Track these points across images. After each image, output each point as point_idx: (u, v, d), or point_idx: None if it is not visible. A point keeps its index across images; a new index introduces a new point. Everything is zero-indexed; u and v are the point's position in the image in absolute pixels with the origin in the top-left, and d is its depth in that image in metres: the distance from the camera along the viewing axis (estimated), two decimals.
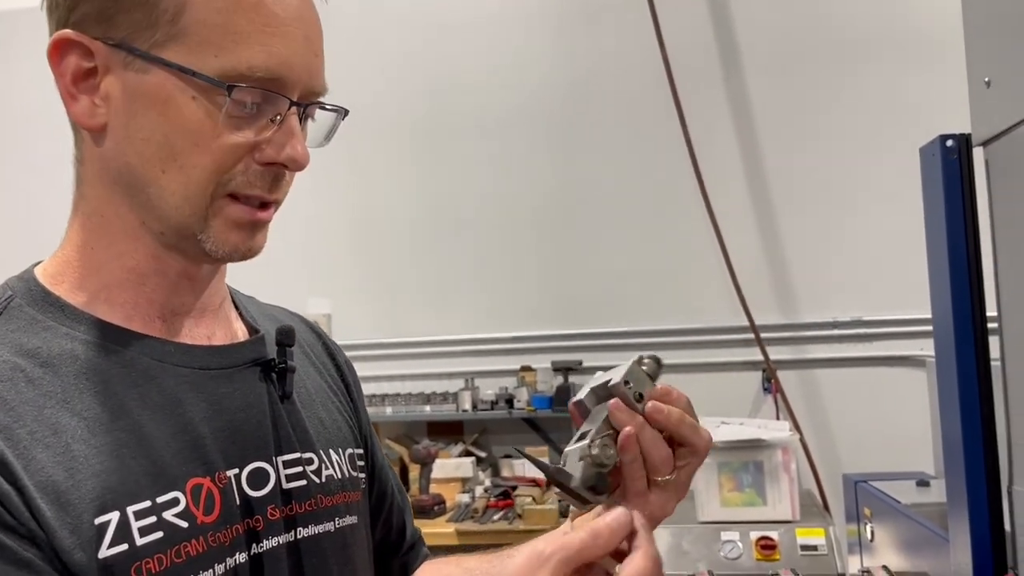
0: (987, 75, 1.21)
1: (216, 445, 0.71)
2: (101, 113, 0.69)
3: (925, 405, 3.18)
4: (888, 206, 3.63)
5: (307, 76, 0.70)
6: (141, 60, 0.67)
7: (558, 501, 3.14)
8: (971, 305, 1.26)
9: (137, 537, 0.63)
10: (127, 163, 0.69)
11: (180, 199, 0.68)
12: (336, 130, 0.78)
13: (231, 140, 0.68)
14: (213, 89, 0.66)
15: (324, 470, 0.79)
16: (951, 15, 1.94)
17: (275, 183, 0.71)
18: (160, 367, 0.71)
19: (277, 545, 0.72)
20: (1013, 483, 1.21)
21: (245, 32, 0.66)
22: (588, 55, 3.97)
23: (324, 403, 0.85)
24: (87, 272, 0.72)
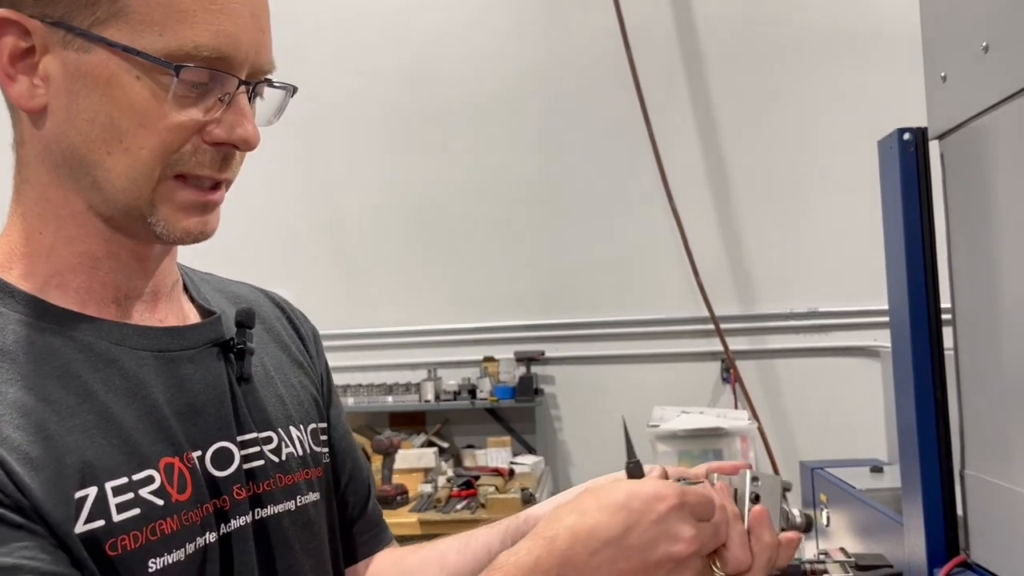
0: (943, 70, 1.24)
1: (180, 426, 0.70)
2: (40, 94, 0.67)
3: (878, 394, 3.25)
4: (844, 200, 3.71)
5: (254, 54, 0.69)
6: (81, 39, 0.65)
7: (521, 490, 3.17)
8: (926, 296, 1.29)
9: (114, 513, 0.63)
10: (70, 145, 0.67)
11: (126, 181, 0.67)
12: (285, 108, 0.76)
13: (178, 120, 0.66)
14: (158, 68, 0.65)
15: (284, 448, 0.79)
16: (908, 11, 1.99)
17: (225, 163, 0.70)
18: (119, 350, 0.70)
19: (244, 525, 0.73)
20: (965, 467, 1.25)
21: (190, 10, 0.64)
22: (552, 48, 3.98)
23: (285, 379, 0.85)
24: (36, 258, 0.70)
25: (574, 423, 3.94)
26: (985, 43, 1.10)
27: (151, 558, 0.64)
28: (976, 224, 1.19)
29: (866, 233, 3.57)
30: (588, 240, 3.92)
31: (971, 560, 1.23)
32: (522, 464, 3.47)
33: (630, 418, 3.52)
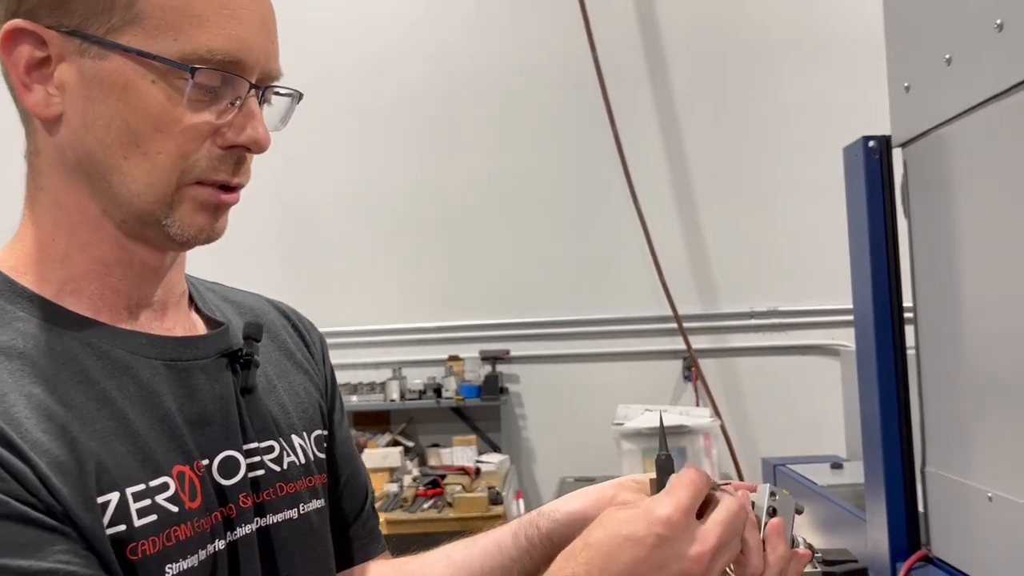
0: (906, 80, 1.28)
1: (190, 435, 0.71)
2: (56, 102, 0.68)
3: (837, 392, 3.33)
4: (804, 202, 3.78)
5: (264, 59, 0.70)
6: (98, 46, 0.66)
7: (488, 489, 3.18)
8: (889, 297, 1.33)
9: (135, 518, 0.64)
10: (86, 151, 0.68)
11: (143, 185, 0.68)
12: (292, 114, 0.78)
13: (193, 123, 0.67)
14: (173, 72, 0.66)
15: (286, 457, 0.80)
16: (869, 19, 2.04)
17: (238, 166, 0.71)
18: (134, 358, 0.71)
19: (249, 532, 0.74)
20: (926, 464, 1.29)
21: (203, 15, 0.66)
22: (518, 47, 4.00)
23: (289, 387, 0.86)
24: (50, 264, 0.71)
25: (538, 421, 3.97)
26: (948, 55, 1.14)
27: (168, 563, 0.65)
28: (937, 228, 1.23)
29: (825, 234, 3.66)
30: (553, 240, 3.95)
31: (932, 555, 1.27)
32: (488, 463, 3.48)
33: (593, 417, 3.59)
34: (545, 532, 0.85)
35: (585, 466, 3.50)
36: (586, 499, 0.85)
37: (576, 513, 0.84)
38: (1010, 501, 1.05)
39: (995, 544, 1.10)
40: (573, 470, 3.50)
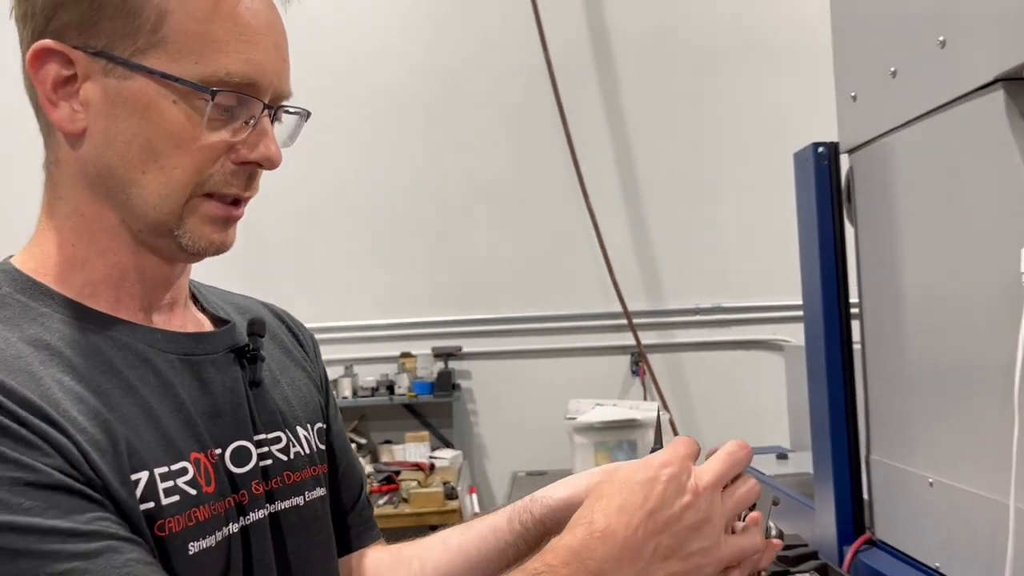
0: (853, 90, 1.35)
1: (204, 425, 0.75)
2: (80, 118, 0.71)
3: (780, 385, 3.45)
4: (747, 202, 3.90)
5: (277, 81, 0.75)
6: (123, 67, 0.69)
7: (443, 484, 3.21)
8: (837, 295, 1.41)
9: (162, 497, 0.68)
10: (107, 165, 0.72)
11: (159, 198, 0.72)
12: (300, 131, 0.83)
13: (210, 141, 0.71)
14: (193, 94, 0.70)
15: (292, 447, 0.84)
16: (815, 30, 2.12)
17: (249, 181, 0.76)
18: (152, 352, 0.74)
19: (262, 518, 0.78)
20: (871, 452, 1.37)
21: (223, 40, 0.70)
22: (469, 46, 4.03)
23: (291, 382, 0.90)
24: (70, 268, 0.74)
25: (490, 417, 4.01)
26: (893, 68, 1.21)
27: (190, 541, 0.69)
28: (882, 229, 1.31)
29: (767, 233, 3.80)
30: (504, 237, 4.00)
31: (876, 538, 1.35)
32: (441, 458, 3.52)
33: (544, 411, 3.65)
34: (538, 517, 0.89)
35: (537, 460, 3.55)
36: (576, 486, 0.90)
37: (567, 499, 0.89)
38: (950, 486, 1.12)
39: (936, 527, 1.17)
40: (525, 464, 3.56)
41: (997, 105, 0.99)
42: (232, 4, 0.71)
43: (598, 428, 2.86)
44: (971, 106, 1.05)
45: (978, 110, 1.03)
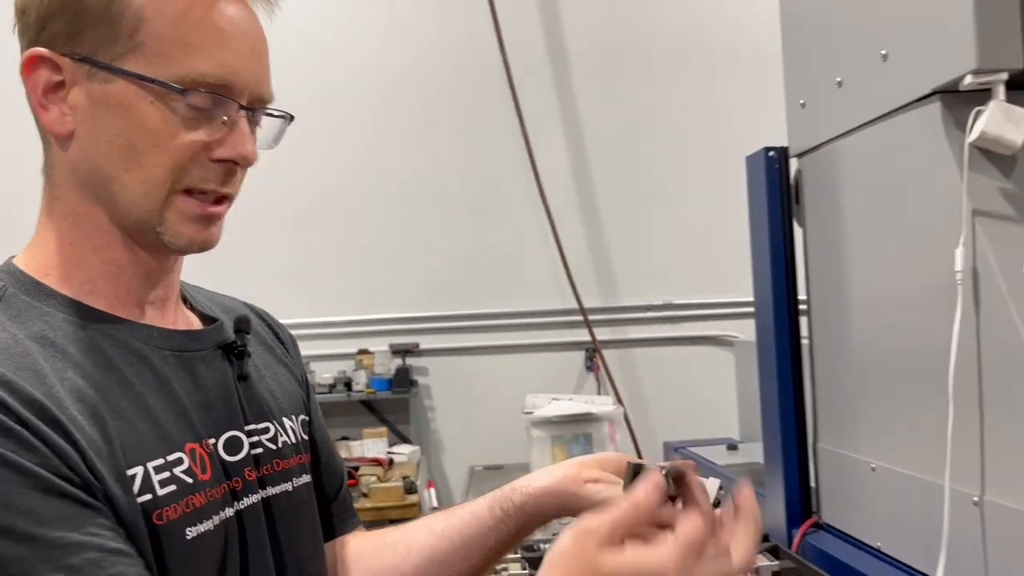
0: (802, 98, 1.43)
1: (198, 417, 0.79)
2: (69, 121, 0.75)
3: (729, 379, 3.55)
4: (697, 202, 4.00)
5: (254, 83, 0.78)
6: (105, 71, 0.73)
7: (402, 479, 3.24)
8: (786, 292, 1.48)
9: (158, 488, 0.71)
10: (93, 164, 0.75)
11: (140, 195, 0.75)
12: (283, 134, 0.86)
13: (186, 139, 0.75)
14: (169, 94, 0.73)
15: (280, 437, 0.88)
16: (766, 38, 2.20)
17: (227, 178, 0.78)
18: (148, 349, 0.78)
19: (255, 502, 0.82)
20: (818, 441, 1.45)
21: (196, 44, 0.73)
22: (426, 46, 4.05)
23: (275, 377, 0.93)
24: (70, 266, 0.77)
25: (447, 412, 4.05)
26: (839, 79, 1.29)
27: (188, 527, 0.72)
28: (828, 230, 1.39)
29: (716, 232, 3.91)
30: (460, 235, 4.03)
31: (822, 521, 1.43)
32: (400, 453, 3.54)
33: (500, 406, 3.69)
34: (518, 504, 0.93)
35: (494, 455, 3.60)
36: (554, 476, 0.94)
37: (545, 488, 0.93)
38: (891, 470, 1.20)
39: (877, 509, 1.25)
40: (482, 459, 3.60)
41: (934, 116, 1.07)
42: (205, 10, 0.74)
43: (555, 422, 2.91)
44: (911, 116, 1.13)
45: (917, 120, 1.11)
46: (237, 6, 0.77)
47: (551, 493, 0.91)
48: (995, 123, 1.00)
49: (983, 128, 1.00)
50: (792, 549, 1.40)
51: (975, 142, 1.01)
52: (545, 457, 2.99)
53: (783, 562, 1.24)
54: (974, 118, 1.01)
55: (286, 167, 3.98)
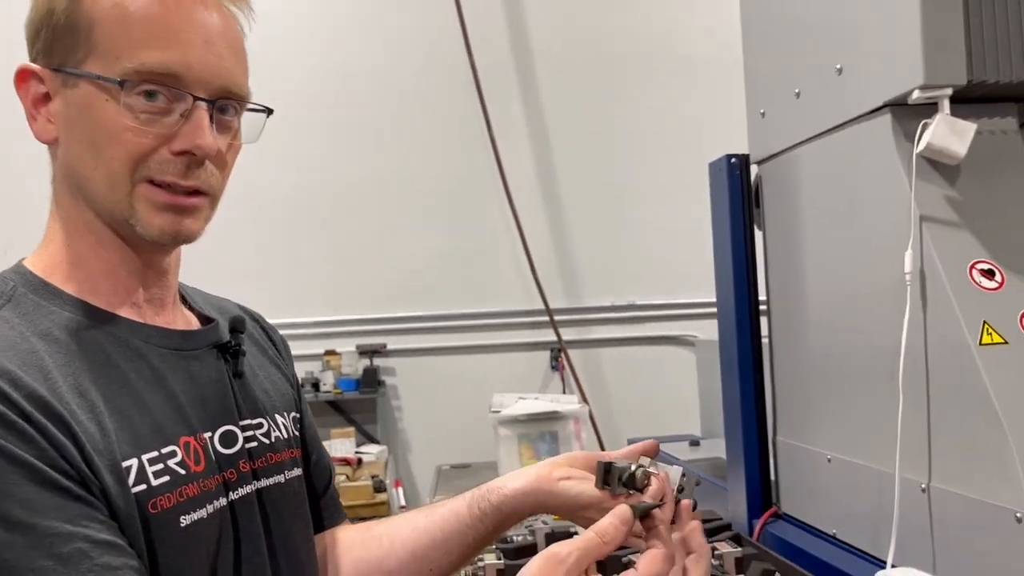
0: (762, 108, 1.49)
1: (193, 412, 0.83)
2: (51, 128, 0.80)
3: (690, 378, 3.63)
4: (659, 205, 4.09)
5: (211, 75, 0.80)
6: (72, 77, 0.78)
7: (371, 478, 3.27)
8: (748, 294, 1.55)
9: (152, 479, 0.75)
10: (72, 166, 0.80)
11: (106, 188, 0.79)
12: (263, 127, 0.90)
13: (141, 132, 0.78)
14: (120, 90, 0.76)
15: (272, 432, 0.93)
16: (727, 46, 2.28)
17: (189, 171, 0.80)
18: (146, 347, 0.82)
19: (249, 492, 0.86)
20: (777, 435, 1.51)
21: (140, 38, 0.77)
22: (393, 49, 4.08)
23: (268, 375, 0.98)
24: (73, 266, 0.82)
25: (414, 412, 4.08)
26: (797, 90, 1.35)
27: (181, 515, 0.77)
28: (786, 234, 1.46)
29: (678, 235, 4.00)
30: (427, 237, 4.07)
31: (781, 511, 1.50)
32: (368, 453, 3.56)
33: (466, 406, 3.73)
34: (495, 504, 0.98)
35: (460, 454, 3.64)
36: (528, 477, 0.98)
37: (521, 489, 0.97)
38: (845, 461, 1.27)
39: (833, 498, 1.32)
40: (449, 458, 3.64)
41: (885, 127, 1.14)
42: (152, 5, 0.77)
43: (522, 420, 2.97)
44: (864, 127, 1.19)
45: (869, 131, 1.18)
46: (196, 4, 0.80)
47: (526, 493, 0.96)
48: (941, 135, 1.07)
49: (930, 140, 1.07)
50: (753, 538, 1.46)
51: (922, 152, 1.08)
52: (512, 455, 3.05)
53: (745, 549, 1.30)
54: (922, 130, 1.08)
55: (250, 167, 3.98)
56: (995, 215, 1.10)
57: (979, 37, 1.07)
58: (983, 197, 1.10)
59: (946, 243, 1.06)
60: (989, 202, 1.10)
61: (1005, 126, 1.14)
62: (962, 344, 1.00)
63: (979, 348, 0.99)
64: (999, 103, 1.14)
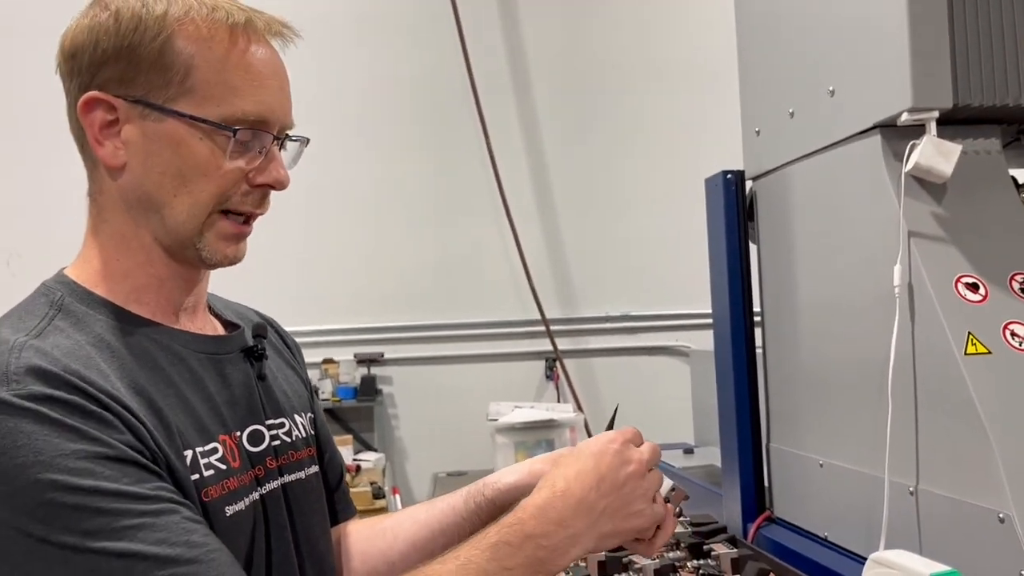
0: (757, 126, 1.55)
1: (227, 412, 0.89)
2: (122, 154, 0.84)
3: (683, 387, 3.68)
4: (653, 216, 4.14)
5: (283, 116, 0.89)
6: (158, 112, 0.83)
7: (370, 484, 3.30)
8: (743, 305, 1.60)
9: (203, 470, 0.82)
10: (145, 192, 0.85)
11: (187, 216, 0.85)
12: (301, 154, 0.97)
13: (230, 168, 0.85)
14: (216, 131, 0.84)
15: (293, 431, 0.99)
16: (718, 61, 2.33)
17: (262, 199, 0.90)
18: (185, 351, 0.88)
19: (276, 487, 0.92)
20: (771, 441, 1.56)
21: (239, 87, 0.84)
22: (391, 57, 4.13)
23: (286, 378, 1.04)
24: (116, 279, 0.87)
25: (411, 420, 4.11)
26: (791, 110, 1.41)
27: (226, 505, 0.83)
28: (780, 248, 1.51)
29: (672, 246, 4.06)
30: (425, 246, 4.11)
31: (774, 515, 1.55)
32: (366, 461, 3.59)
33: (462, 414, 3.77)
34: (490, 498, 1.05)
35: (456, 461, 3.68)
36: (522, 472, 1.05)
37: (515, 484, 1.04)
38: (837, 466, 1.32)
39: (824, 501, 1.37)
40: (445, 465, 3.68)
41: (875, 147, 1.20)
42: (242, 54, 0.85)
43: (519, 428, 3.01)
44: (855, 147, 1.25)
45: (860, 150, 1.24)
46: (265, 47, 0.88)
47: (519, 487, 1.02)
48: (928, 155, 1.12)
49: (917, 160, 1.12)
50: (748, 541, 1.51)
51: (911, 172, 1.14)
52: (509, 462, 3.08)
53: (741, 550, 1.34)
54: (910, 150, 1.14)
55: None
56: (979, 231, 1.15)
57: (964, 63, 1.13)
58: (968, 214, 1.16)
59: (933, 258, 1.12)
60: (974, 219, 1.16)
61: (989, 147, 1.20)
62: (948, 354, 1.05)
63: (964, 358, 1.04)
64: (983, 125, 1.20)
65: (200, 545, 0.73)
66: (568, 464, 0.89)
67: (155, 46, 0.82)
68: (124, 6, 0.83)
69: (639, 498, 0.88)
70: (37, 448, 0.70)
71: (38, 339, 0.78)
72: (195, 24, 0.83)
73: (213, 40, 0.83)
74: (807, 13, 1.37)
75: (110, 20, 0.82)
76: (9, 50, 3.78)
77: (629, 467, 0.88)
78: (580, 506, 0.85)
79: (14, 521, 0.69)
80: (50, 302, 0.83)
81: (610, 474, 0.87)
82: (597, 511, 0.85)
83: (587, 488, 0.86)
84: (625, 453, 0.89)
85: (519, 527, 0.83)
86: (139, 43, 0.82)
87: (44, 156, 3.90)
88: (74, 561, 0.69)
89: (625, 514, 0.87)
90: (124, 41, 0.82)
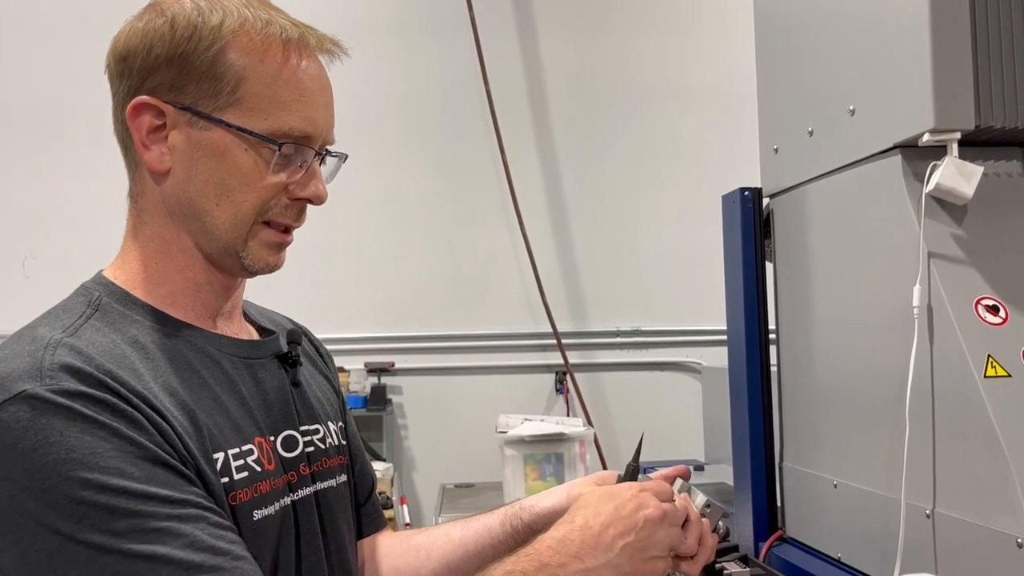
0: (775, 144, 1.55)
1: (261, 416, 0.89)
2: (167, 159, 0.85)
3: (693, 404, 3.67)
4: (666, 232, 4.14)
5: (326, 132, 0.90)
6: (205, 120, 0.84)
7: (379, 494, 3.29)
8: (758, 323, 1.60)
9: (234, 473, 0.82)
10: (188, 198, 0.86)
11: (229, 225, 0.86)
12: (339, 169, 0.99)
13: (272, 181, 0.86)
14: (261, 144, 0.84)
15: (327, 439, 0.99)
16: (734, 78, 2.33)
17: (300, 213, 0.91)
18: (220, 355, 0.88)
19: (308, 494, 0.92)
20: (784, 460, 1.56)
21: (286, 101, 0.85)
22: (405, 70, 4.15)
23: (319, 385, 1.04)
24: (154, 282, 0.88)
25: (420, 431, 4.11)
26: (810, 128, 1.41)
27: (255, 509, 0.83)
28: (797, 266, 1.51)
29: (684, 262, 4.05)
30: (438, 257, 4.12)
31: (787, 535, 1.54)
32: (375, 470, 3.59)
33: (472, 426, 3.77)
34: (527, 522, 1.05)
35: (464, 473, 3.68)
36: (559, 496, 1.05)
37: (552, 507, 1.04)
38: (851, 486, 1.31)
39: (838, 522, 1.36)
40: (453, 477, 3.67)
41: (895, 167, 1.20)
42: (293, 70, 0.86)
43: (528, 441, 3.01)
44: (874, 166, 1.25)
45: (880, 170, 1.23)
46: (315, 64, 0.89)
47: (557, 511, 1.02)
48: (949, 177, 1.12)
49: (938, 181, 1.12)
50: (760, 560, 1.50)
51: (931, 192, 1.14)
52: (518, 475, 3.08)
53: (754, 569, 1.34)
54: (931, 171, 1.14)
55: None
56: (1000, 253, 1.15)
57: (987, 85, 1.13)
58: (989, 236, 1.15)
59: (953, 279, 1.11)
60: (994, 241, 1.15)
61: (1010, 169, 1.20)
62: (967, 376, 1.05)
63: (983, 380, 1.04)
64: (1005, 147, 1.20)
65: (225, 552, 0.73)
66: (589, 503, 0.90)
67: (208, 56, 0.83)
68: (180, 13, 0.83)
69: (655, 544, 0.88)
70: (69, 445, 0.70)
71: (73, 337, 0.78)
72: (249, 37, 0.84)
73: (266, 54, 0.84)
74: (828, 31, 1.37)
75: (165, 26, 0.83)
76: (29, 58, 3.81)
77: (646, 510, 0.88)
78: (598, 542, 0.85)
79: (42, 517, 0.68)
80: (87, 302, 0.84)
81: (628, 516, 0.87)
82: (615, 550, 0.86)
83: (604, 526, 0.86)
84: (644, 498, 0.89)
85: (536, 556, 0.84)
86: (193, 52, 0.83)
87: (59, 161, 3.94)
88: (99, 561, 0.68)
89: (644, 557, 0.88)
90: (178, 48, 0.83)
